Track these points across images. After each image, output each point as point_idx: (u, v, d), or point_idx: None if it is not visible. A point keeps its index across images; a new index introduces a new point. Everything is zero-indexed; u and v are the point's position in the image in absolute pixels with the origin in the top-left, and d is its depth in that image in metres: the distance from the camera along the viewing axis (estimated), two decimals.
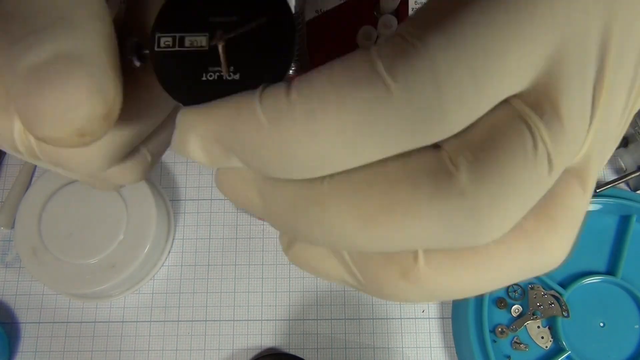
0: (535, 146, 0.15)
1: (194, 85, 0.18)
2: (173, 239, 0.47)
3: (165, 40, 0.19)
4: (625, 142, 0.47)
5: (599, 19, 0.15)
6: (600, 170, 0.18)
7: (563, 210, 0.17)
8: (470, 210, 0.15)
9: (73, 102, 0.17)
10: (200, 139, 0.16)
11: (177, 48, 0.19)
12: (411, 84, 0.14)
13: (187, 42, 0.19)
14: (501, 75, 0.15)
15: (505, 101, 0.16)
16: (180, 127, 0.17)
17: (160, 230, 0.44)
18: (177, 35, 0.19)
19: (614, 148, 0.18)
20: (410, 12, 0.53)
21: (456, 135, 0.16)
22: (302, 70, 0.35)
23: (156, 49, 0.19)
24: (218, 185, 0.19)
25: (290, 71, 0.35)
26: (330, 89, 0.15)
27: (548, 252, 0.18)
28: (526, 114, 0.15)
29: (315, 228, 0.16)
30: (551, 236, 0.17)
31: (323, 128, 0.15)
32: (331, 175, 0.16)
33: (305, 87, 0.15)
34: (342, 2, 0.36)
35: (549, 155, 0.15)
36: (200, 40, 0.19)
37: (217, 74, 0.18)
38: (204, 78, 0.18)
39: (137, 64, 0.20)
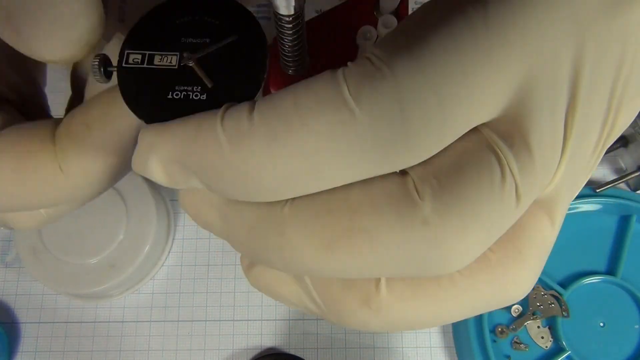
0: (503, 178, 0.15)
1: (158, 103, 0.18)
2: (173, 239, 0.47)
3: (134, 57, 0.18)
4: (625, 142, 0.47)
5: (570, 49, 0.15)
6: (569, 202, 0.18)
7: (530, 244, 0.17)
8: (434, 240, 0.15)
9: (72, 17, 0.17)
10: (160, 159, 0.16)
11: (145, 65, 0.18)
12: (376, 109, 0.14)
13: (156, 60, 0.18)
14: (469, 103, 0.14)
15: (475, 129, 0.15)
16: (140, 147, 0.16)
17: (160, 230, 0.44)
18: (147, 52, 0.18)
19: (585, 181, 0.18)
20: (410, 12, 0.53)
21: (423, 162, 0.15)
22: (301, 71, 0.35)
23: (123, 65, 0.18)
24: (180, 203, 0.18)
25: (290, 71, 0.35)
26: (293, 111, 0.14)
27: (512, 285, 0.17)
28: (495, 143, 0.15)
29: (275, 253, 0.16)
30: (516, 269, 0.17)
31: (285, 151, 0.14)
32: (292, 199, 0.16)
33: (268, 108, 0.15)
34: (342, 2, 0.36)
35: (517, 187, 0.15)
36: (170, 59, 0.18)
37: (184, 93, 0.18)
38: (169, 96, 0.18)
39: (101, 80, 0.19)
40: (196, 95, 0.17)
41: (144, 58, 0.18)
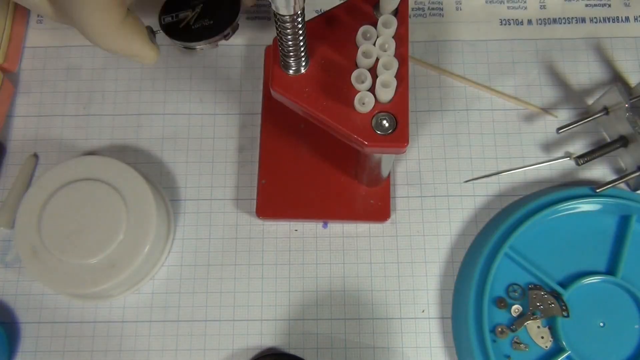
0: None
1: (187, 33, 0.41)
2: (173, 239, 0.47)
3: (166, 18, 0.42)
4: (625, 142, 0.47)
5: None
6: None
7: None
8: None
9: None
10: None
11: (174, 20, 0.42)
12: None
13: (180, 16, 0.42)
14: None
15: None
16: None
17: (160, 230, 0.44)
18: (174, 14, 0.42)
19: None
20: (409, 11, 0.53)
21: None
22: (301, 71, 0.35)
23: (163, 23, 0.42)
24: None
25: (290, 71, 0.35)
26: None
27: None
28: None
29: None
30: None
31: None
32: None
33: None
34: (342, 2, 0.36)
35: None
36: (186, 14, 0.42)
37: (199, 24, 0.41)
38: (193, 27, 0.41)
39: (154, 36, 0.41)
40: (205, 22, 0.41)
41: (173, 17, 0.42)
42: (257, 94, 0.51)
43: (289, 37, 0.32)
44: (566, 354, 0.42)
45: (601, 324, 0.44)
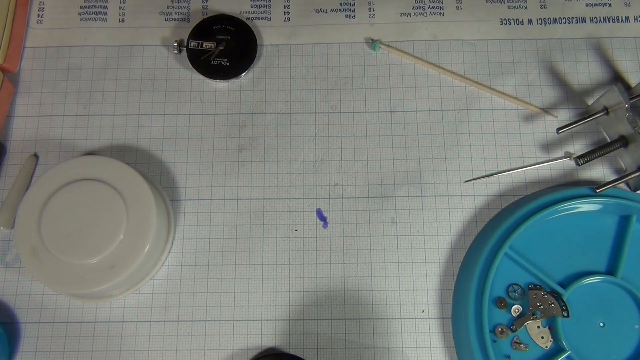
0: None
1: (205, 65, 0.49)
2: (173, 239, 0.47)
3: (193, 43, 0.50)
4: (625, 142, 0.47)
5: None
6: None
7: None
8: None
9: None
10: None
11: (198, 48, 0.49)
12: None
13: (205, 46, 0.50)
14: None
15: None
16: None
17: (160, 230, 0.44)
18: (199, 41, 0.50)
19: None
20: (410, 10, 0.53)
21: None
22: None
23: (189, 47, 0.50)
24: None
25: None
26: None
27: None
28: None
29: None
30: None
31: None
32: None
33: None
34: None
35: None
36: (210, 45, 0.50)
37: (218, 61, 0.50)
38: (212, 63, 0.50)
39: (178, 52, 0.50)
40: (225, 62, 0.50)
41: (198, 44, 0.49)
42: (257, 93, 0.51)
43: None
44: (566, 354, 0.42)
45: (601, 324, 0.44)
